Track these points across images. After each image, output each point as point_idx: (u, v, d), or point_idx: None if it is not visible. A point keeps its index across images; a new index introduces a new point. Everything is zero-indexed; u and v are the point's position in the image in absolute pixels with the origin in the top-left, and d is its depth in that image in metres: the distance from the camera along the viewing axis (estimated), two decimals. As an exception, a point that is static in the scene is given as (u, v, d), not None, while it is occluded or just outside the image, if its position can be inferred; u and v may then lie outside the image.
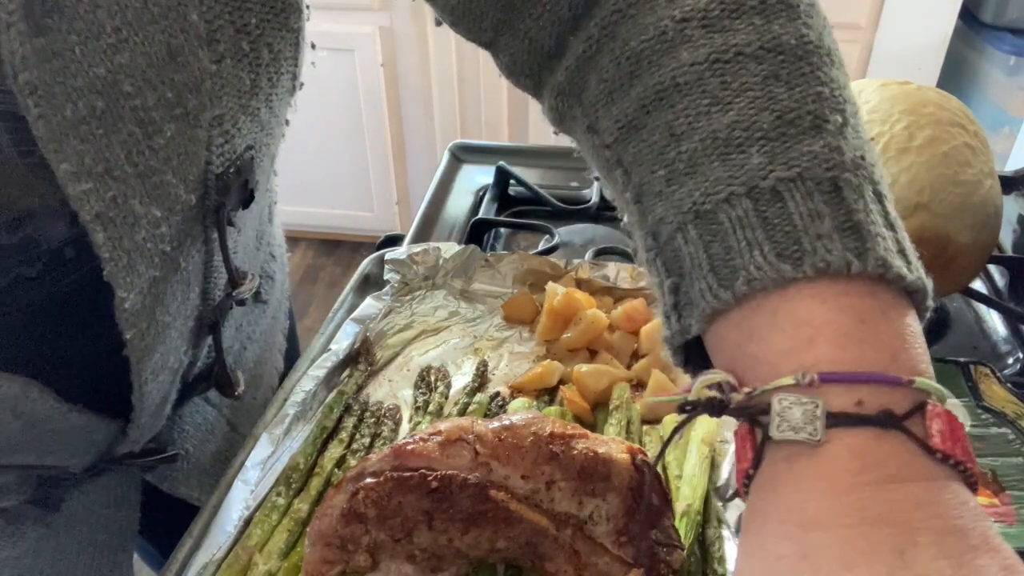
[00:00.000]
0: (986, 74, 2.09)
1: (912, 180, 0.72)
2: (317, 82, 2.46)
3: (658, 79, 0.36)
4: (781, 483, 0.31)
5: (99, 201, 0.43)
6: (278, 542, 0.56)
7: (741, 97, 0.34)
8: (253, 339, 0.74)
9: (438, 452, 0.52)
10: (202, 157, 0.48)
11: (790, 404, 0.31)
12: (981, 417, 0.65)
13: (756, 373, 0.33)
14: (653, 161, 0.36)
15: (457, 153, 1.18)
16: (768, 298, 0.32)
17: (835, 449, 0.30)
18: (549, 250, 0.92)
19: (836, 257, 0.31)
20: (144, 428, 0.57)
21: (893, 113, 0.74)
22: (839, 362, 0.31)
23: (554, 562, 0.52)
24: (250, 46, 0.47)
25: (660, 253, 0.36)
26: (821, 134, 0.33)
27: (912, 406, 0.31)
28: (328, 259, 2.86)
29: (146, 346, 0.50)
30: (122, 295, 0.46)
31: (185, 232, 0.50)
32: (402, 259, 0.81)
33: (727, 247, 0.33)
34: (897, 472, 0.29)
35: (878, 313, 0.32)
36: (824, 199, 0.32)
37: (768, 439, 0.31)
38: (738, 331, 0.33)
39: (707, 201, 0.34)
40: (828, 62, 0.35)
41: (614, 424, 0.64)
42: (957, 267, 0.75)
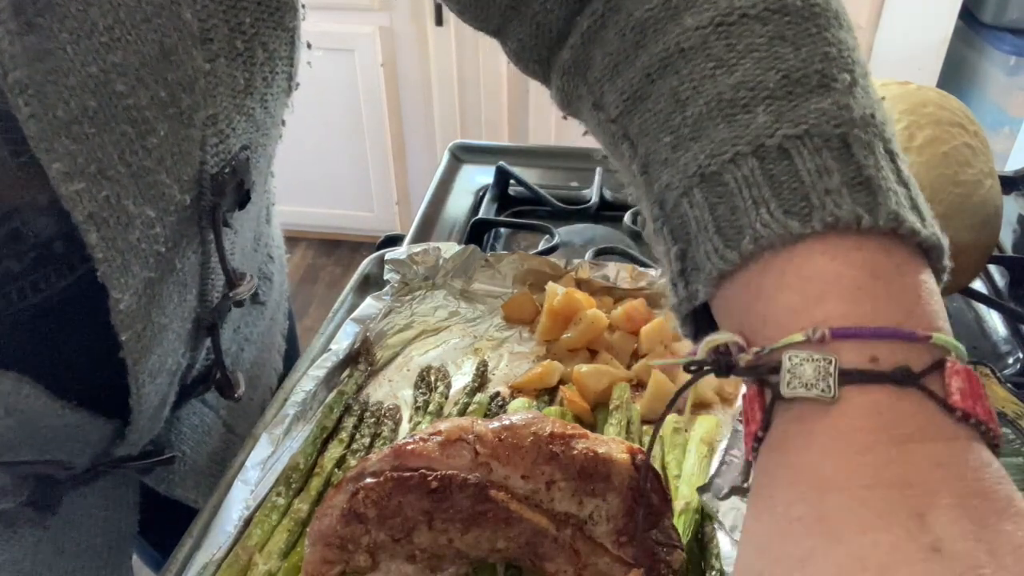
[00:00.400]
0: (986, 74, 2.10)
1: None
2: (317, 82, 2.47)
3: (663, 46, 0.35)
4: (793, 443, 0.30)
5: (92, 201, 0.42)
6: (278, 542, 0.56)
7: (746, 58, 0.33)
8: (251, 341, 0.73)
9: (438, 452, 0.52)
10: (196, 157, 0.47)
11: (801, 361, 0.29)
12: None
13: (765, 332, 0.31)
14: (659, 129, 0.36)
15: (457, 153, 1.18)
16: (776, 256, 0.31)
17: (850, 407, 0.28)
18: (549, 250, 0.92)
19: (846, 211, 0.30)
20: (143, 431, 0.57)
21: (893, 113, 0.74)
22: (851, 317, 0.29)
23: (554, 562, 0.52)
24: (244, 45, 0.47)
25: (667, 221, 0.35)
26: (829, 92, 0.32)
27: (930, 363, 0.29)
28: (328, 259, 2.86)
29: (143, 348, 0.50)
30: (117, 296, 0.46)
31: (180, 233, 0.49)
32: (402, 259, 0.81)
33: (733, 207, 0.32)
34: (916, 431, 0.28)
35: (891, 268, 0.30)
36: (833, 155, 0.31)
37: (779, 398, 0.30)
38: (746, 292, 0.32)
39: (712, 163, 0.33)
40: (836, 24, 0.35)
41: (614, 424, 0.64)
42: (957, 267, 0.74)
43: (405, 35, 2.40)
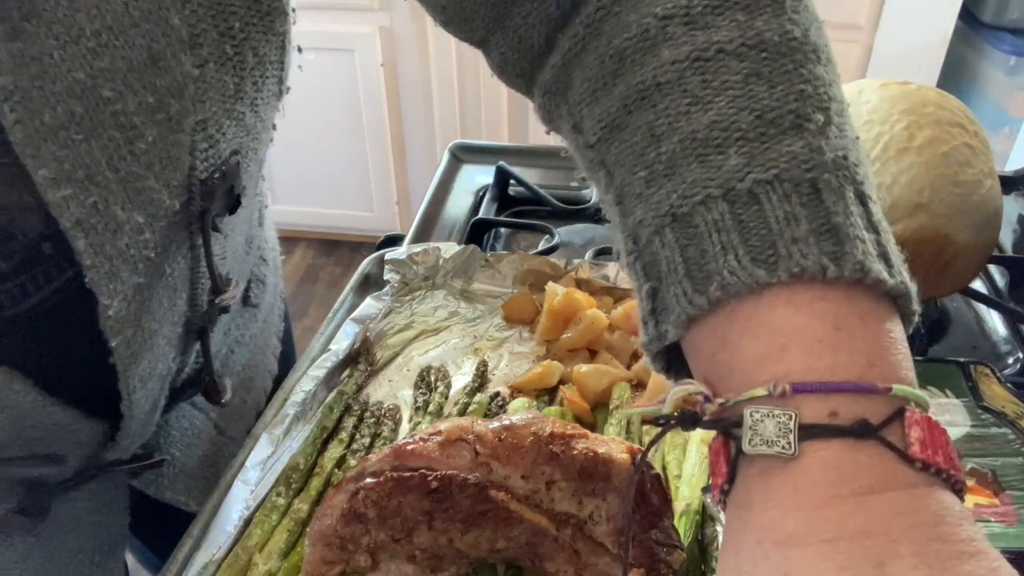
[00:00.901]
0: (986, 74, 2.09)
1: (912, 180, 0.72)
2: (317, 82, 2.47)
3: (640, 78, 0.35)
4: (756, 500, 0.30)
5: (79, 207, 0.42)
6: (278, 542, 0.56)
7: (721, 96, 0.33)
8: (242, 343, 0.73)
9: (438, 452, 0.52)
10: (186, 162, 0.47)
11: (762, 417, 0.30)
12: (981, 417, 0.65)
13: (729, 383, 0.32)
14: (634, 162, 0.36)
15: (457, 153, 1.18)
16: (743, 304, 0.31)
17: (809, 462, 0.29)
18: (549, 250, 0.91)
19: (811, 262, 0.30)
20: (134, 435, 0.57)
21: (893, 113, 0.74)
22: (813, 371, 0.30)
23: (554, 562, 0.52)
24: (234, 50, 0.47)
25: (639, 256, 0.36)
26: (801, 134, 0.32)
27: (889, 414, 0.30)
28: (328, 259, 2.86)
29: (133, 354, 0.50)
30: (106, 302, 0.46)
31: (169, 238, 0.49)
32: (402, 259, 0.81)
33: (702, 251, 0.32)
34: (874, 483, 0.29)
35: (855, 319, 0.31)
36: (801, 201, 0.31)
37: (741, 453, 0.31)
38: (713, 337, 0.33)
39: (684, 204, 0.33)
40: (813, 59, 0.35)
41: (614, 424, 0.64)
42: (957, 267, 0.75)
43: (405, 35, 2.40)
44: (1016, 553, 0.54)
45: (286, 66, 0.54)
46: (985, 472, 0.60)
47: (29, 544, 0.60)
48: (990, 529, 0.56)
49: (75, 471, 0.57)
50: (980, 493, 0.59)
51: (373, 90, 2.47)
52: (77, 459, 0.56)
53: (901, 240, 0.81)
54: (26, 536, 0.60)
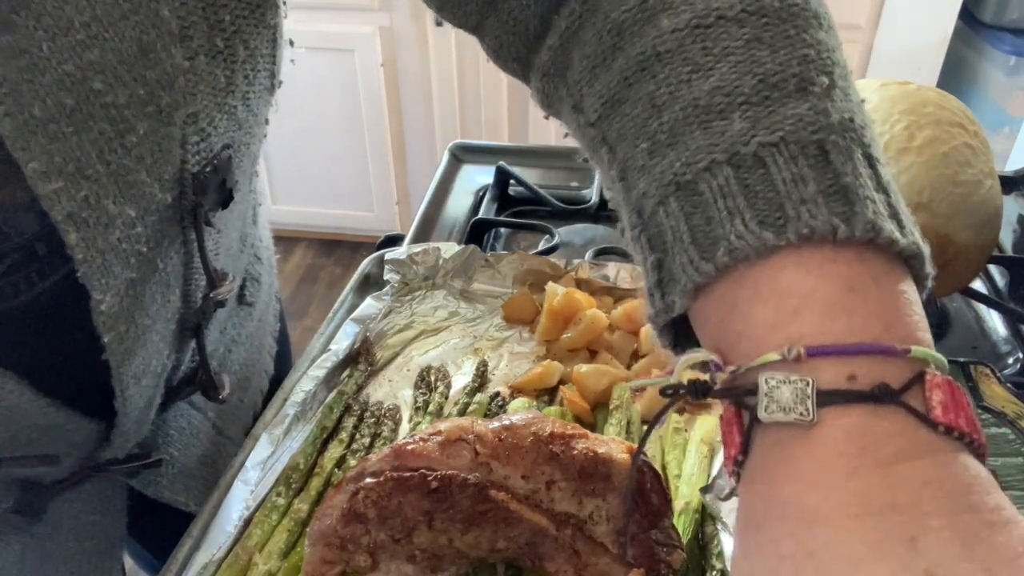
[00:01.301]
0: (986, 74, 2.09)
1: (912, 180, 0.72)
2: (317, 82, 2.47)
3: (639, 49, 0.35)
4: (775, 473, 0.29)
5: (70, 201, 0.42)
6: (278, 542, 0.56)
7: (723, 62, 0.33)
8: (238, 342, 0.73)
9: (438, 452, 0.52)
10: (177, 156, 0.47)
11: (778, 383, 0.28)
12: (981, 417, 0.65)
13: (740, 349, 0.31)
14: (636, 135, 0.35)
15: (457, 153, 1.18)
16: (751, 269, 0.30)
17: (830, 431, 0.28)
18: (549, 250, 0.91)
19: (821, 222, 0.29)
20: (129, 433, 0.57)
21: (893, 113, 0.74)
22: (827, 333, 0.29)
23: (554, 562, 0.52)
24: (225, 43, 0.46)
25: (644, 229, 0.35)
26: (806, 96, 0.32)
27: (910, 377, 0.28)
28: (328, 259, 2.86)
29: (126, 350, 0.50)
30: (98, 297, 0.46)
31: (162, 233, 0.49)
32: (402, 259, 0.81)
33: (708, 218, 0.31)
34: (899, 451, 0.27)
35: (868, 280, 0.30)
36: (809, 163, 0.30)
37: (756, 422, 0.29)
38: (721, 305, 0.32)
39: (688, 171, 0.32)
40: (815, 24, 0.34)
41: (614, 424, 0.64)
42: (957, 267, 0.75)
43: (405, 35, 2.40)
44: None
45: (278, 60, 0.53)
46: (985, 472, 0.60)
47: (26, 545, 0.60)
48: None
49: (71, 471, 0.57)
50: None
51: (373, 90, 2.47)
52: (72, 459, 0.56)
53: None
54: (23, 536, 0.59)
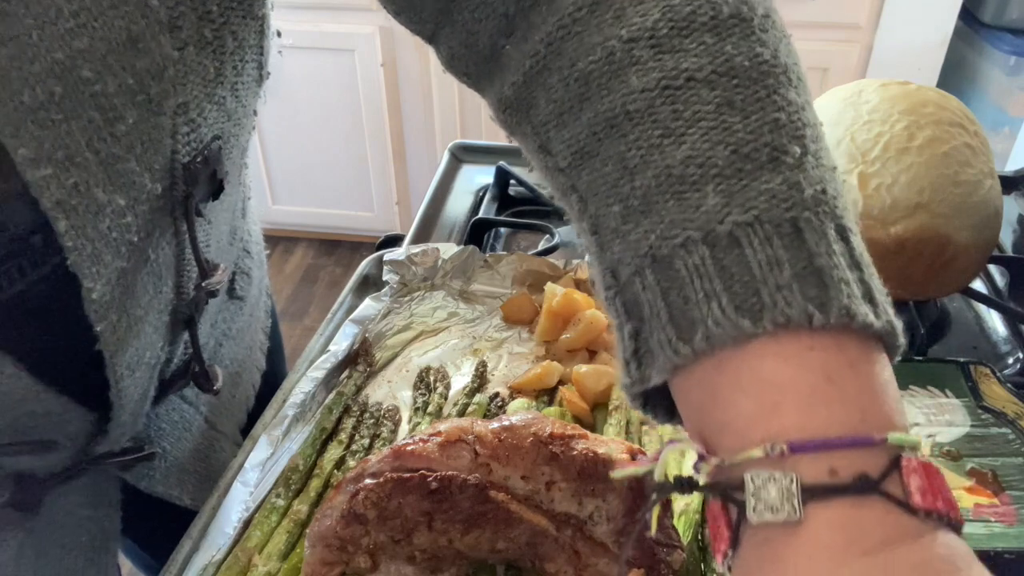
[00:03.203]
0: (986, 74, 2.09)
1: (912, 180, 0.72)
2: (317, 82, 2.47)
3: (608, 106, 0.35)
4: (767, 570, 0.30)
5: (60, 188, 0.42)
6: (277, 543, 0.56)
7: (694, 128, 0.33)
8: (230, 336, 0.73)
9: (438, 453, 0.52)
10: (167, 146, 0.47)
11: (763, 482, 0.29)
12: (981, 417, 0.65)
13: (724, 442, 0.31)
14: (608, 194, 0.35)
15: (457, 153, 1.18)
16: (729, 355, 0.31)
17: (816, 525, 0.29)
18: (549, 250, 0.91)
19: (797, 311, 0.30)
20: (124, 425, 0.57)
21: (893, 113, 0.74)
22: (807, 427, 0.29)
23: (554, 562, 0.52)
24: (213, 33, 0.47)
25: (619, 294, 0.35)
26: (779, 168, 0.32)
27: (887, 464, 0.29)
28: (328, 259, 2.86)
29: (119, 340, 0.50)
30: (89, 285, 0.46)
31: (153, 223, 0.49)
32: (401, 260, 0.81)
33: (685, 297, 0.32)
34: (884, 538, 0.28)
35: (846, 368, 0.30)
36: (783, 243, 0.31)
37: (744, 520, 0.30)
38: (701, 390, 0.32)
39: (663, 245, 0.32)
40: (785, 82, 0.34)
41: (613, 424, 0.64)
42: (957, 267, 0.75)
43: (405, 35, 2.40)
44: (1016, 553, 0.54)
45: (265, 51, 0.54)
46: (985, 472, 0.60)
47: (22, 541, 0.60)
48: (990, 529, 0.56)
49: (65, 464, 0.57)
50: (980, 493, 0.59)
51: (373, 90, 2.47)
52: (68, 451, 0.56)
53: (901, 240, 0.81)
54: (18, 532, 0.60)
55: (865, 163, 0.74)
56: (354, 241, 2.86)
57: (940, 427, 0.64)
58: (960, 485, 0.59)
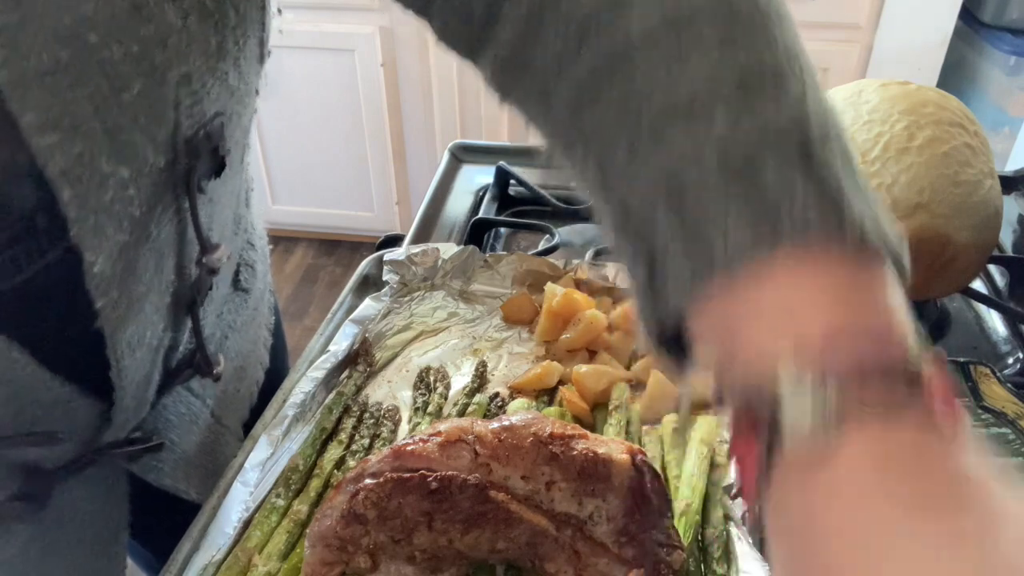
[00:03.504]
0: (986, 74, 2.09)
1: (912, 180, 0.72)
2: (317, 82, 2.47)
3: (608, 46, 0.35)
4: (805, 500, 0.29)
5: (65, 156, 0.42)
6: (277, 543, 0.56)
7: (698, 60, 0.33)
8: (235, 328, 0.73)
9: (438, 453, 0.52)
10: (170, 119, 0.47)
11: (795, 403, 0.29)
12: (981, 417, 0.65)
13: (749, 369, 0.31)
14: (614, 132, 0.35)
15: (457, 153, 1.18)
16: (749, 277, 0.31)
17: (853, 447, 0.28)
18: (549, 250, 0.91)
19: (814, 228, 0.30)
20: (128, 411, 0.57)
21: (893, 113, 0.74)
22: (834, 349, 0.29)
23: (554, 563, 0.52)
24: (215, 5, 0.47)
25: (630, 228, 0.35)
26: (784, 95, 0.32)
27: (913, 380, 0.29)
28: (328, 259, 2.86)
29: (119, 318, 0.50)
30: (90, 259, 0.46)
31: (156, 197, 0.49)
32: (401, 260, 0.81)
33: (698, 224, 0.32)
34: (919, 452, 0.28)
35: (865, 283, 0.31)
36: (795, 166, 0.31)
37: (777, 447, 0.29)
38: (721, 311, 0.32)
39: (677, 172, 0.32)
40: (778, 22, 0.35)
41: (613, 424, 0.64)
42: (957, 267, 0.75)
43: (405, 35, 2.40)
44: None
45: (267, 28, 0.54)
46: (985, 472, 0.60)
47: (31, 534, 0.60)
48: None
49: (73, 456, 0.58)
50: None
51: (373, 90, 2.47)
52: (75, 442, 0.56)
53: (901, 240, 0.80)
54: (27, 525, 0.60)
55: (865, 163, 0.74)
56: (354, 241, 2.86)
57: (940, 427, 0.64)
58: (960, 485, 0.59)
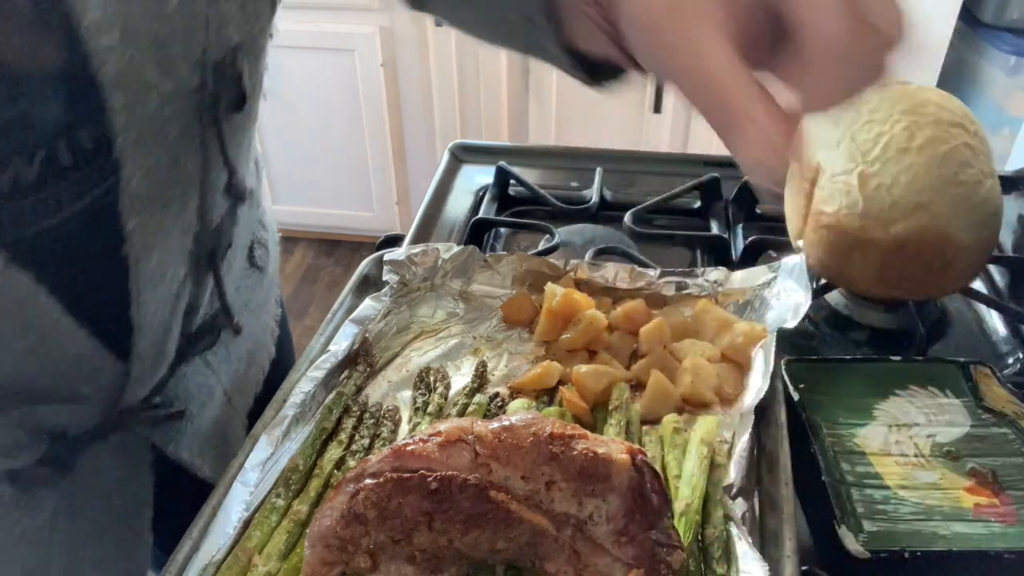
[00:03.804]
0: (986, 74, 2.09)
1: (912, 180, 0.72)
2: (317, 82, 2.47)
3: None
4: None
5: (119, 60, 0.45)
6: (277, 544, 0.56)
7: None
8: (249, 308, 0.75)
9: (438, 453, 0.52)
10: (200, 41, 0.50)
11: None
12: (981, 417, 0.65)
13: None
14: None
15: (457, 153, 1.18)
16: None
17: None
18: (549, 250, 0.91)
19: None
20: (146, 364, 0.59)
21: (893, 113, 0.74)
22: None
23: (554, 563, 0.52)
24: None
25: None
26: None
27: None
28: (328, 259, 2.86)
29: (144, 245, 0.52)
30: (129, 173, 0.48)
31: (186, 123, 0.52)
32: (401, 260, 0.81)
33: None
34: None
35: None
36: None
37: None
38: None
39: None
40: None
41: (613, 424, 0.64)
42: (957, 267, 0.75)
43: (405, 35, 2.40)
44: (1016, 553, 0.54)
45: None
46: (985, 472, 0.60)
47: (58, 503, 0.62)
48: (990, 529, 0.56)
49: (97, 420, 0.59)
50: (980, 493, 0.59)
51: (373, 90, 2.48)
52: (96, 402, 0.58)
53: (901, 240, 0.81)
54: (55, 492, 0.61)
55: (865, 163, 0.74)
56: (354, 241, 2.86)
57: (940, 427, 0.64)
58: (960, 485, 0.59)
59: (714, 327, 0.72)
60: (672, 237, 0.99)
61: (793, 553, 0.52)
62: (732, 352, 0.70)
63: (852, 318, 0.85)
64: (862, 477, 0.60)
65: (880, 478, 0.60)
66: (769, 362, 0.65)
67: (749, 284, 0.76)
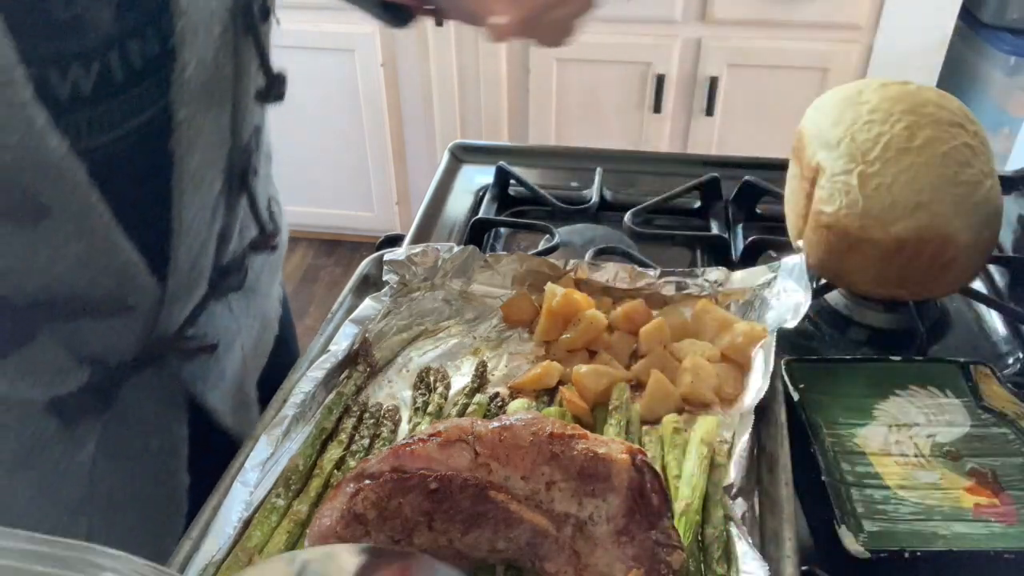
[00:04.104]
0: (986, 74, 2.09)
1: (912, 180, 0.72)
2: (317, 82, 2.47)
3: None
4: None
5: None
6: (278, 543, 0.56)
7: None
8: (256, 291, 0.78)
9: (438, 453, 0.52)
10: None
11: None
12: (981, 417, 0.65)
13: None
14: None
15: (457, 153, 1.18)
16: None
17: None
18: (549, 250, 0.91)
19: None
20: (181, 281, 0.62)
21: (893, 113, 0.74)
22: None
23: (554, 563, 0.52)
24: None
25: None
26: None
27: None
28: (328, 259, 2.86)
29: (189, 141, 0.56)
30: (186, 58, 0.53)
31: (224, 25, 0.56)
32: (401, 260, 0.81)
33: None
34: None
35: None
36: None
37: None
38: None
39: None
40: None
41: (613, 425, 0.64)
42: (957, 267, 0.75)
43: (405, 35, 2.40)
44: (1016, 553, 0.54)
45: None
46: (985, 472, 0.60)
47: (99, 438, 0.65)
48: (990, 529, 0.56)
49: (135, 349, 0.63)
50: (980, 493, 0.59)
51: (373, 90, 2.47)
52: (138, 317, 0.62)
53: (901, 240, 0.81)
54: (96, 425, 0.65)
55: (865, 163, 0.74)
56: (354, 241, 2.86)
57: (940, 427, 0.64)
58: (960, 485, 0.59)
59: (714, 327, 0.73)
60: (672, 237, 0.99)
61: (793, 553, 0.52)
62: (732, 352, 0.70)
63: (852, 318, 0.85)
64: (862, 477, 0.60)
65: (880, 478, 0.60)
66: (769, 362, 0.65)
67: (749, 284, 0.76)
